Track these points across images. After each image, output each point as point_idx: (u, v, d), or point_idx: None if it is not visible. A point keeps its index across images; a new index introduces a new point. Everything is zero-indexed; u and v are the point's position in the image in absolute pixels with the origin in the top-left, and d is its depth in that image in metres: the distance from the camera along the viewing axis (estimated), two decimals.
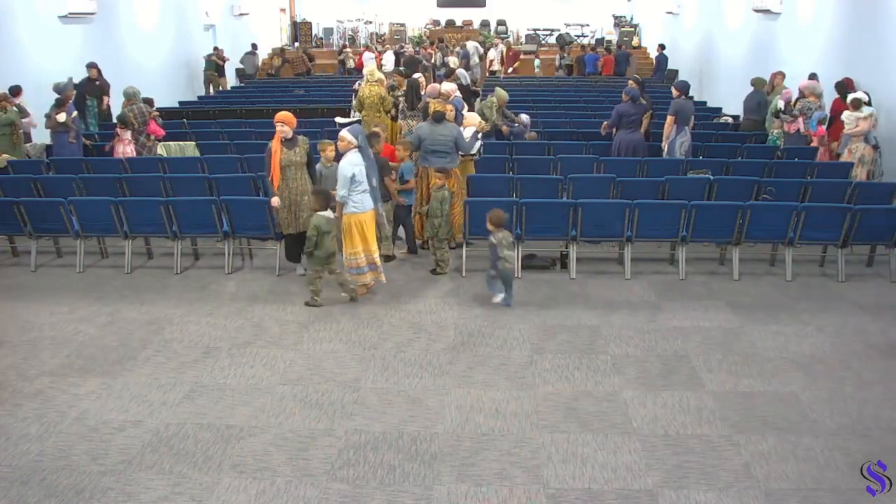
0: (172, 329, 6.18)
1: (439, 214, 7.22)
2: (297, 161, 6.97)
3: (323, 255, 6.47)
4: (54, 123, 10.02)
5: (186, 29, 18.09)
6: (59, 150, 10.16)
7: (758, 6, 14.23)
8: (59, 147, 10.17)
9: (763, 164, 9.13)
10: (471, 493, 4.07)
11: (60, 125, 9.99)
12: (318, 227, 6.37)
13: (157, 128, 10.34)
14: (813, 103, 9.93)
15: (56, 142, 10.24)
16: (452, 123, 8.10)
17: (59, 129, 10.07)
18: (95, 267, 7.76)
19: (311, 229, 6.41)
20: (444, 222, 7.26)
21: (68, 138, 10.11)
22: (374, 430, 4.67)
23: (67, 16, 12.63)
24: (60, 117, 9.95)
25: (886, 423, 4.76)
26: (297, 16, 27.31)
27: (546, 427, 4.70)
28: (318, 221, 6.39)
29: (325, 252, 6.47)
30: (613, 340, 5.94)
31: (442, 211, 7.23)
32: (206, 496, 4.05)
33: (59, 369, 5.50)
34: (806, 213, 7.15)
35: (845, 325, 6.26)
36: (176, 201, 7.51)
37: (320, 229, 6.37)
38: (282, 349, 5.80)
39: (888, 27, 10.05)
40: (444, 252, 7.42)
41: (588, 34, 26.22)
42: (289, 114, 7.06)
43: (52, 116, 10.03)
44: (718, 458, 4.39)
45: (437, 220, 7.24)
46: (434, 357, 5.66)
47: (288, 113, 7.09)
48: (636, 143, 9.70)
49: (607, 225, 7.36)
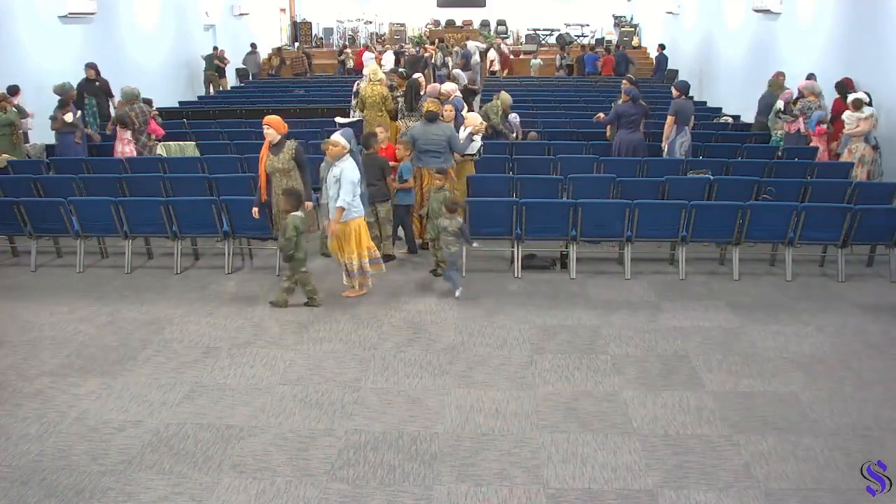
0: (172, 329, 6.18)
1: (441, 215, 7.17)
2: (279, 168, 6.74)
3: (303, 257, 6.47)
4: (62, 123, 10.03)
5: (186, 29, 18.09)
6: (63, 151, 10.14)
7: (758, 6, 14.23)
8: (65, 147, 10.15)
9: (763, 164, 9.13)
10: (471, 493, 4.07)
11: (68, 125, 10.01)
12: (297, 227, 6.30)
13: (158, 127, 10.35)
14: (812, 103, 9.93)
15: (61, 142, 10.21)
16: (446, 123, 8.08)
17: (66, 130, 10.08)
18: (95, 267, 7.76)
19: (290, 230, 6.27)
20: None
21: (74, 138, 10.11)
22: (374, 430, 4.67)
23: (67, 16, 12.63)
24: (68, 117, 9.97)
25: (886, 423, 4.76)
26: (297, 16, 27.31)
27: (546, 427, 4.70)
28: (295, 222, 6.31)
29: (304, 253, 6.48)
30: (613, 340, 5.94)
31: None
32: (206, 496, 4.05)
33: (59, 369, 5.50)
34: (806, 213, 7.15)
35: (845, 325, 6.26)
36: (176, 201, 7.51)
37: (299, 229, 6.32)
38: (282, 349, 5.80)
39: (888, 27, 10.05)
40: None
41: (588, 34, 26.22)
42: (276, 117, 6.83)
43: (58, 117, 10.05)
44: (718, 458, 4.39)
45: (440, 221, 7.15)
46: (434, 357, 5.66)
47: (276, 116, 6.87)
48: (636, 143, 9.69)
49: (607, 225, 7.36)
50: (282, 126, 6.78)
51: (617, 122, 9.81)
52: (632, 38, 24.69)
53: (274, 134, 6.70)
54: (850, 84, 10.21)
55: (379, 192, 7.43)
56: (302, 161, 6.88)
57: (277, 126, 6.72)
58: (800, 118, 9.98)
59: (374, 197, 7.40)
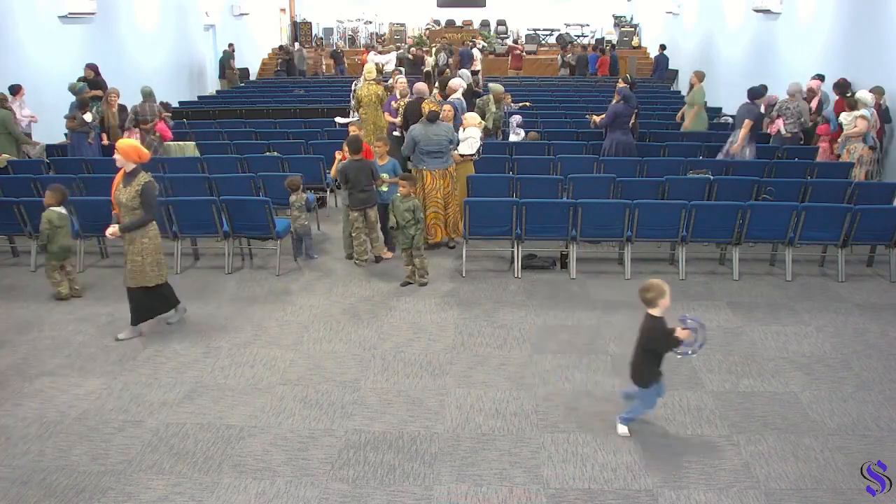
0: (172, 329, 6.18)
1: (414, 222, 6.89)
2: (123, 202, 5.70)
3: (57, 250, 6.66)
4: (81, 123, 10.04)
5: (186, 29, 18.10)
6: (76, 151, 10.13)
7: (758, 6, 14.23)
8: (78, 147, 10.15)
9: (763, 164, 9.13)
10: (471, 493, 4.07)
11: (86, 125, 10.01)
12: (51, 220, 6.57)
13: (165, 129, 10.33)
14: (790, 103, 9.92)
15: (74, 142, 10.21)
16: (446, 123, 8.08)
17: (82, 130, 10.07)
18: (95, 267, 7.76)
19: (43, 223, 6.55)
20: (418, 230, 6.93)
21: (87, 139, 10.10)
22: (374, 430, 4.67)
23: (67, 16, 12.63)
24: (88, 117, 10.00)
25: (886, 423, 4.76)
26: (297, 16, 27.31)
27: (546, 427, 4.70)
28: (50, 216, 6.58)
29: (58, 247, 6.65)
30: (613, 340, 5.94)
31: (416, 218, 6.90)
32: (206, 496, 4.05)
33: (59, 369, 5.50)
34: (806, 213, 7.15)
35: (845, 325, 6.26)
36: (176, 201, 7.51)
37: (53, 223, 6.57)
38: (282, 349, 5.80)
39: (888, 27, 10.05)
40: (424, 259, 7.15)
41: (588, 34, 26.22)
42: (130, 143, 5.80)
43: (77, 116, 10.09)
44: (718, 458, 4.39)
45: (413, 229, 6.89)
46: (434, 357, 5.66)
47: (130, 142, 5.85)
48: (627, 144, 9.72)
49: (607, 225, 7.36)
50: (134, 153, 5.67)
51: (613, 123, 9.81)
52: (632, 38, 24.68)
53: (123, 161, 5.67)
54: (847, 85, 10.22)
55: (369, 198, 7.40)
56: (148, 202, 5.72)
57: (127, 153, 5.65)
58: (778, 120, 10.01)
59: (364, 203, 7.37)
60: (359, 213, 7.39)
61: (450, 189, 8.03)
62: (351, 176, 7.29)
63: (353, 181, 7.31)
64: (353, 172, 7.28)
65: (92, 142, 10.17)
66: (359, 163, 7.31)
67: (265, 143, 10.62)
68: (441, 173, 7.88)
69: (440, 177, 7.88)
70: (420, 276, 7.12)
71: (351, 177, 7.29)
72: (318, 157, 9.40)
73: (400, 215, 6.90)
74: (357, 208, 7.37)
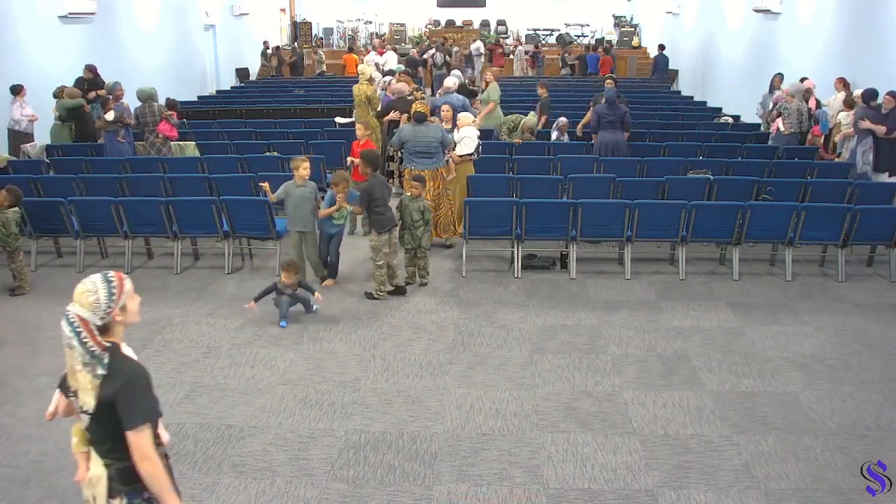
0: (172, 329, 6.18)
1: (423, 223, 6.88)
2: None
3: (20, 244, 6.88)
4: (104, 123, 10.05)
5: (186, 29, 18.09)
6: (110, 151, 10.08)
7: (758, 6, 14.24)
8: (110, 147, 10.11)
9: (763, 164, 9.13)
10: (471, 493, 4.07)
11: (110, 124, 10.01)
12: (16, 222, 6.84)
13: (170, 128, 10.29)
14: (788, 103, 9.99)
15: (107, 143, 10.16)
16: (436, 124, 8.05)
17: (109, 129, 10.06)
18: (95, 267, 7.76)
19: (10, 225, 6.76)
20: (426, 231, 6.94)
21: (117, 137, 10.08)
22: (374, 430, 4.67)
23: (67, 16, 12.62)
24: (109, 115, 9.99)
25: (886, 423, 4.76)
26: (297, 16, 27.31)
27: (546, 427, 4.70)
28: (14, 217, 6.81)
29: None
30: (613, 340, 5.94)
31: (425, 219, 6.89)
32: (206, 496, 4.05)
33: (59, 369, 5.45)
34: (806, 213, 7.15)
35: (845, 325, 6.26)
36: (176, 201, 7.51)
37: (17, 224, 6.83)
38: (282, 349, 5.80)
39: (888, 27, 10.05)
40: (427, 261, 7.14)
41: (588, 34, 26.22)
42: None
43: (101, 116, 10.12)
44: (718, 458, 4.39)
45: (421, 230, 6.87)
46: (434, 357, 5.66)
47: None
48: (615, 143, 9.71)
49: (607, 225, 7.36)
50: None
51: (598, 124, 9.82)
52: (632, 38, 24.68)
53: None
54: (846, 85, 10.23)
55: (390, 220, 6.68)
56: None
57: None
58: (778, 118, 10.09)
59: (387, 224, 6.63)
60: (388, 235, 6.67)
61: (440, 190, 8.01)
62: (378, 194, 6.51)
63: (380, 199, 6.54)
64: (379, 190, 6.54)
65: (122, 139, 10.14)
66: (379, 180, 6.75)
67: (265, 143, 10.62)
68: (430, 174, 7.82)
69: (430, 178, 7.81)
70: (421, 277, 7.13)
71: (378, 195, 6.51)
72: (319, 157, 9.40)
73: (409, 216, 6.92)
74: (386, 230, 6.62)
